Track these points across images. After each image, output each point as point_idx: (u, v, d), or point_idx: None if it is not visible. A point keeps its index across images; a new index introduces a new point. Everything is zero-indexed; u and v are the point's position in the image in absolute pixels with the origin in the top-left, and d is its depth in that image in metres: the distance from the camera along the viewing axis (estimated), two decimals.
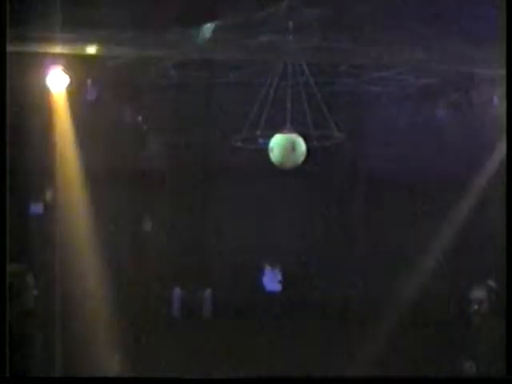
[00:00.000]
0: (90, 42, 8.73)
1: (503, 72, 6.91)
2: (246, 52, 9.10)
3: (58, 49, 8.96)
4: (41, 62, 9.32)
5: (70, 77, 9.74)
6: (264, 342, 11.00)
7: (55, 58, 9.29)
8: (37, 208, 12.85)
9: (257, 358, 10.67)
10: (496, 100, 9.88)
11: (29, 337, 9.99)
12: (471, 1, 7.76)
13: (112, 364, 9.65)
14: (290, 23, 8.08)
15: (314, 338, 11.46)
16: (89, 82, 10.07)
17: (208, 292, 12.86)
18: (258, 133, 8.66)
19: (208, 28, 8.18)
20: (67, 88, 9.90)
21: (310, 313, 12.35)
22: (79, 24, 8.23)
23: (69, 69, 9.58)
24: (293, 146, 8.29)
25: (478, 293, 10.23)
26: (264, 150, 8.43)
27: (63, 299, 11.76)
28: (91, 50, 9.08)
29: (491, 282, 10.80)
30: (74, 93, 10.08)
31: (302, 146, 8.35)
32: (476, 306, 10.25)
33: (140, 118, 12.38)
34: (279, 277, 13.35)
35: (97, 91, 10.28)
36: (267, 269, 13.31)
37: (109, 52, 9.26)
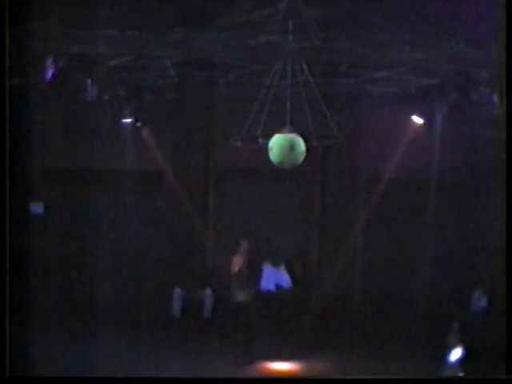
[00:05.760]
0: (90, 41, 8.73)
1: (503, 72, 6.90)
2: (246, 52, 9.10)
3: (58, 48, 8.98)
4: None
5: (70, 76, 9.74)
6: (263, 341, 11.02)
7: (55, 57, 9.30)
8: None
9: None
10: (496, 100, 9.88)
11: None
12: (471, 1, 7.77)
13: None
14: (290, 23, 8.08)
15: (313, 338, 11.49)
16: (89, 81, 10.08)
17: (208, 292, 12.86)
18: (258, 133, 8.67)
19: None
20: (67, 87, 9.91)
21: (310, 312, 12.36)
22: (79, 24, 8.24)
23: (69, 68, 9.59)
24: (291, 146, 8.30)
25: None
26: (264, 150, 8.44)
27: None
28: (91, 50, 9.08)
29: None
30: (74, 92, 10.10)
31: (301, 145, 8.36)
32: None
33: (139, 117, 12.40)
34: (279, 276, 13.36)
35: (97, 91, 10.28)
36: (267, 268, 13.31)
37: (109, 52, 9.26)
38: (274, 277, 13.27)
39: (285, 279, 13.34)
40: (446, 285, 12.81)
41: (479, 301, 12.17)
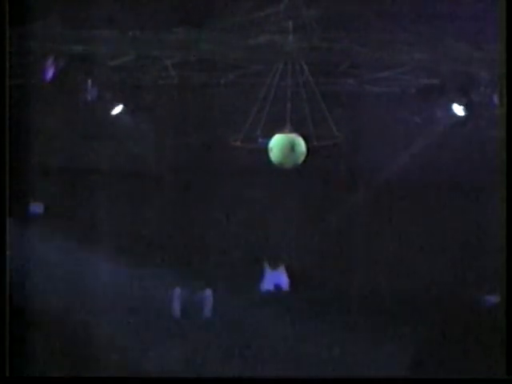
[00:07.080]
0: (90, 41, 8.73)
1: (503, 72, 6.91)
2: (246, 52, 9.11)
3: (58, 48, 8.98)
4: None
5: (70, 76, 9.74)
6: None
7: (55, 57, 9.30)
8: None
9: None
10: (496, 100, 9.87)
11: None
12: (471, 1, 7.77)
13: None
14: (290, 23, 8.09)
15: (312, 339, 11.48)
16: (89, 81, 10.08)
17: (208, 292, 12.85)
18: (258, 133, 8.66)
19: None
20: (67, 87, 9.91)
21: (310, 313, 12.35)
22: (79, 24, 8.24)
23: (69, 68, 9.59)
24: (292, 146, 8.29)
25: None
26: (264, 150, 8.43)
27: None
28: (91, 50, 9.09)
29: None
30: (74, 92, 10.10)
31: (301, 146, 8.35)
32: None
33: (139, 117, 12.39)
34: (278, 277, 13.35)
35: (97, 91, 10.28)
36: (267, 269, 13.31)
37: (109, 52, 9.27)
38: (273, 278, 13.26)
39: (284, 280, 13.33)
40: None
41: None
